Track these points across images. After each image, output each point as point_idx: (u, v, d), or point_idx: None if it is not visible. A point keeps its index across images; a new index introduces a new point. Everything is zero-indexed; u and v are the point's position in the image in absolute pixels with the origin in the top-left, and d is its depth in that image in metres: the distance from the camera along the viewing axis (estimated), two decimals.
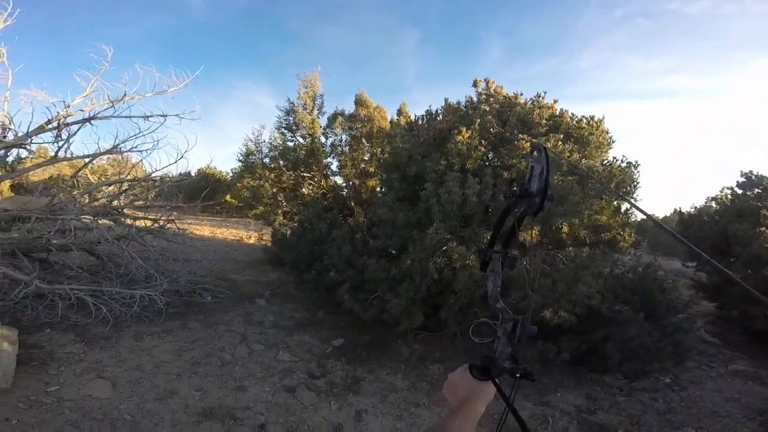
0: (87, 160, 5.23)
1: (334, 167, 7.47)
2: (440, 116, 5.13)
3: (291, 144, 7.66)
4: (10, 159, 5.23)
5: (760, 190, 6.96)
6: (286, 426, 3.10)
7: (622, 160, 5.40)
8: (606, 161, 5.39)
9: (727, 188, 7.51)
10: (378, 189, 6.12)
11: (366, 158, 7.18)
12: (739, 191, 7.21)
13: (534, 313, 3.70)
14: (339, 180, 7.63)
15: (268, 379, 3.79)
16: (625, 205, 5.58)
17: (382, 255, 4.27)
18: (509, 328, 0.86)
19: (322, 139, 7.79)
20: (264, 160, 7.70)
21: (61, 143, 4.83)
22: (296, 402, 3.45)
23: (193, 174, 15.20)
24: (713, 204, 8.09)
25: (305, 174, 7.27)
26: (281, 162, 7.30)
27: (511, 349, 0.87)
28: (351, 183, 7.03)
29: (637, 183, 5.50)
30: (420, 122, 5.33)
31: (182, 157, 5.43)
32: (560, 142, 4.34)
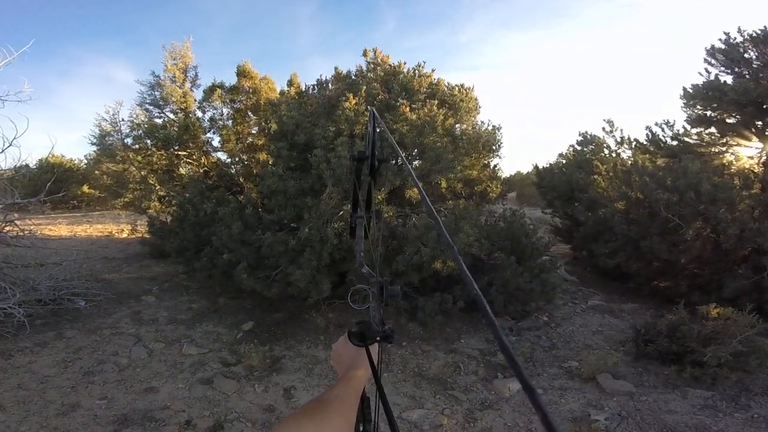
0: None
1: (215, 143, 6.87)
2: (330, 85, 5.11)
3: (159, 121, 6.77)
4: None
5: (593, 146, 8.62)
6: (214, 418, 2.98)
7: (488, 124, 6.19)
8: (476, 124, 6.08)
9: (571, 146, 9.13)
10: (269, 161, 5.91)
11: (254, 132, 6.75)
12: (579, 147, 8.81)
13: (426, 265, 4.08)
14: (223, 156, 7.07)
15: (178, 375, 3.57)
16: (493, 161, 6.47)
17: (278, 228, 4.20)
18: (377, 291, 0.86)
19: (199, 114, 7.05)
20: (126, 141, 6.66)
21: None
22: (217, 392, 3.33)
23: (32, 165, 12.39)
24: (562, 159, 9.73)
25: (180, 152, 6.54)
26: (148, 141, 6.42)
27: (382, 313, 0.87)
28: (238, 158, 6.58)
29: (501, 143, 6.39)
30: (311, 91, 5.24)
31: (11, 144, 4.39)
32: (435, 107, 4.72)
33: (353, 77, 5.30)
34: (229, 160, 6.72)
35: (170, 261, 6.51)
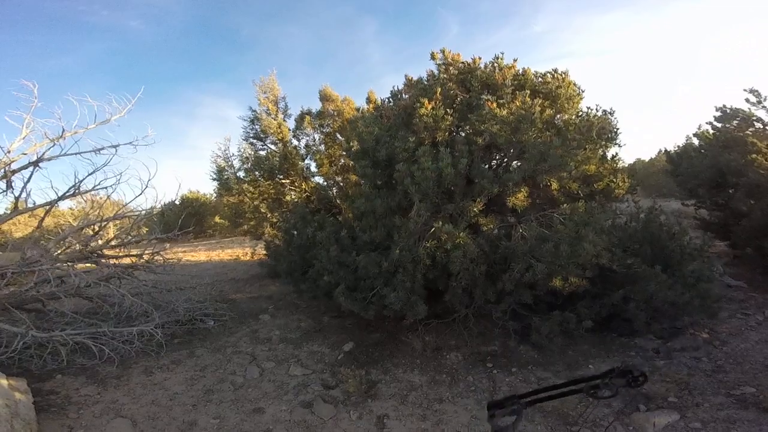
0: (47, 207, 4.95)
1: (313, 168, 7.30)
2: (404, 94, 4.96)
3: (263, 153, 7.47)
4: None
5: (738, 121, 6.90)
6: None
7: (597, 109, 5.29)
8: (581, 112, 5.27)
9: (708, 123, 7.46)
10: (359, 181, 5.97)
11: (343, 153, 7.01)
12: (718, 124, 7.15)
13: (541, 283, 3.54)
14: (320, 180, 7.46)
15: (283, 397, 3.71)
16: (611, 151, 5.51)
17: (372, 248, 4.13)
18: None
19: (294, 142, 7.60)
20: (238, 174, 7.49)
21: (17, 193, 4.60)
22: (315, 417, 3.36)
23: (178, 202, 15.03)
24: (695, 140, 8.04)
25: (284, 181, 7.08)
26: (257, 173, 7.11)
27: None
28: (333, 181, 6.87)
29: (617, 129, 5.43)
30: (387, 104, 5.16)
31: (147, 186, 5.21)
32: (528, 99, 4.17)
33: (425, 82, 5.07)
34: (325, 183, 7.04)
35: (283, 281, 6.99)
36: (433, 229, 3.59)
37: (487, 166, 3.97)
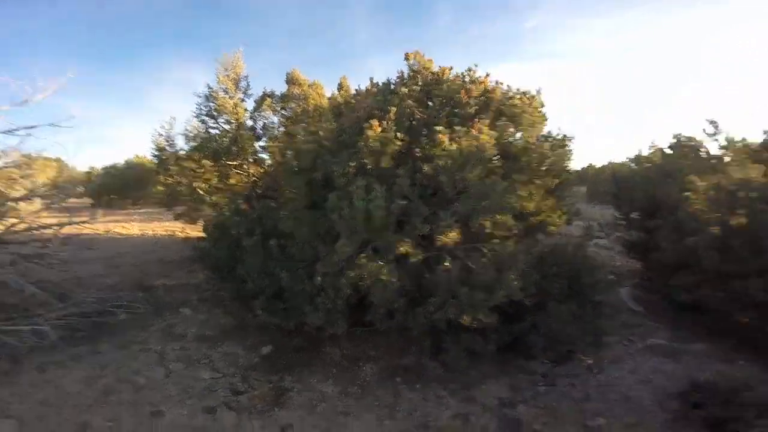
0: None
1: (266, 155, 6.93)
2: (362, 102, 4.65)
3: (214, 132, 6.98)
4: None
5: (687, 150, 7.00)
6: None
7: (558, 133, 4.98)
8: (539, 138, 4.96)
9: (659, 149, 7.55)
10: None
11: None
12: (669, 151, 7.29)
13: (454, 318, 3.52)
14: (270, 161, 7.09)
15: (186, 401, 3.52)
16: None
17: (300, 261, 3.95)
18: None
19: (249, 123, 7.17)
20: (179, 153, 6.95)
21: None
22: (216, 424, 3.24)
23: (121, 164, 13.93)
24: (644, 163, 8.12)
25: (230, 163, 6.66)
26: (201, 153, 6.63)
27: None
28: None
29: (571, 157, 5.09)
30: (353, 100, 4.82)
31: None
32: (486, 130, 3.85)
33: (392, 87, 4.80)
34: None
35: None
36: (357, 260, 3.45)
37: (426, 193, 3.81)
